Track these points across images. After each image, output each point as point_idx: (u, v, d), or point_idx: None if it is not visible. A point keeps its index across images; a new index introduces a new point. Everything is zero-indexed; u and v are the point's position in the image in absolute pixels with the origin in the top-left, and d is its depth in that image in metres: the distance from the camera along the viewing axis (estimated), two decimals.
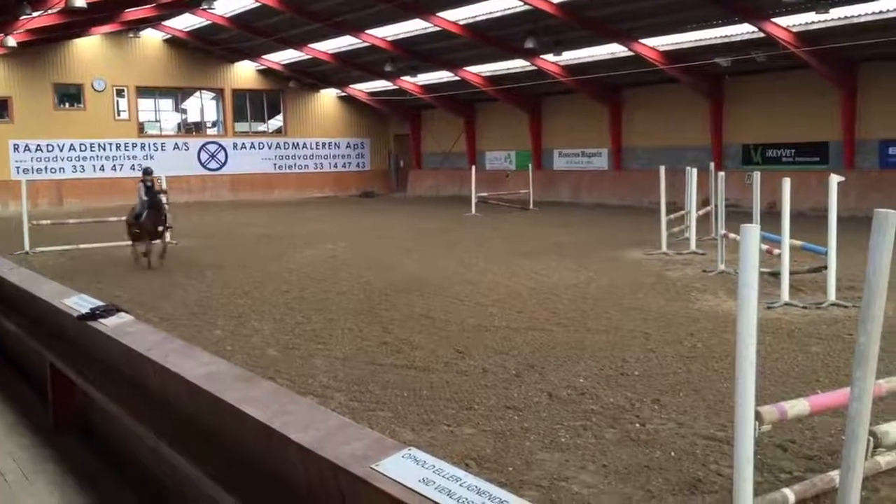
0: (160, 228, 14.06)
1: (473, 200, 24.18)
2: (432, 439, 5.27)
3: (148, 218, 13.87)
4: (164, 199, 14.28)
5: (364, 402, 6.15)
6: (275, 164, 36.14)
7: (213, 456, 2.31)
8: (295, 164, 36.65)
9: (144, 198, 14.10)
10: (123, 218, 15.00)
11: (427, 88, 32.73)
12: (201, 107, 35.75)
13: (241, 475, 2.11)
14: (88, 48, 31.95)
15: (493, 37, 25.43)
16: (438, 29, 25.26)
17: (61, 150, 31.60)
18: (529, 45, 24.12)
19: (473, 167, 26.36)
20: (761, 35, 20.51)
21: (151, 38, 33.00)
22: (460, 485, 1.63)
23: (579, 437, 5.28)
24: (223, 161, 35.02)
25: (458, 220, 22.37)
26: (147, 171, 14.72)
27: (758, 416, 3.68)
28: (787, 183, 9.36)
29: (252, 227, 21.51)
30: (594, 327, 8.49)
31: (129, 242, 14.58)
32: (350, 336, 8.44)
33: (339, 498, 1.81)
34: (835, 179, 9.16)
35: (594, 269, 12.59)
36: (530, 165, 28.02)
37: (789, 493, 4.09)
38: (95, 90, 32.19)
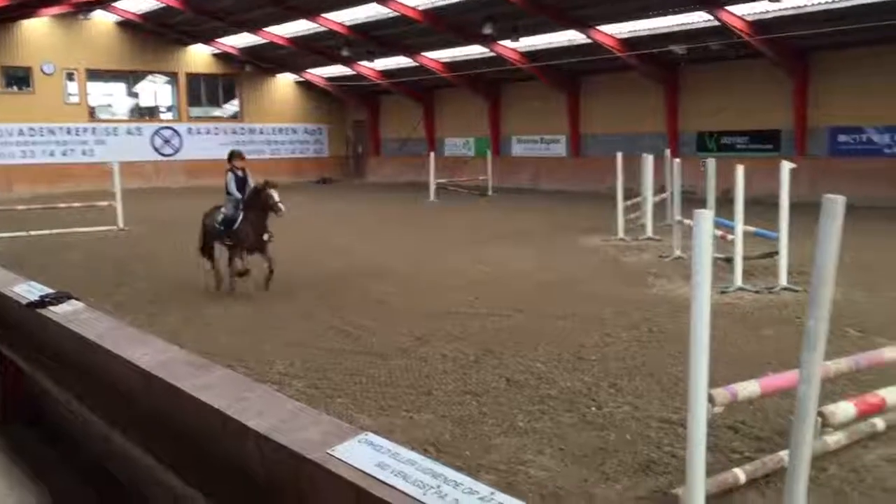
0: (265, 237, 9.86)
1: (432, 187, 24.16)
2: (391, 425, 5.27)
3: (247, 223, 9.73)
4: (275, 195, 9.60)
5: (322, 388, 6.13)
6: None
7: (168, 445, 2.28)
8: (252, 150, 36.09)
9: (237, 194, 10.00)
10: (76, 205, 13.32)
11: (385, 74, 32.54)
12: (155, 91, 35.09)
13: (197, 463, 2.09)
14: (37, 30, 31.12)
15: (452, 22, 25.36)
16: (396, 14, 25.10)
17: (10, 136, 30.79)
18: (487, 31, 24.11)
19: (432, 153, 26.32)
20: (716, 23, 20.77)
21: (103, 21, 32.27)
22: (416, 468, 1.64)
23: (537, 421, 5.33)
24: (178, 147, 34.47)
25: (416, 207, 22.34)
26: (237, 155, 10.34)
27: (710, 398, 3.75)
28: (740, 170, 9.50)
29: None
30: (552, 313, 8.55)
31: (203, 257, 10.48)
32: (308, 323, 8.39)
33: (295, 484, 1.80)
34: (786, 166, 9.33)
35: (552, 255, 12.68)
36: (489, 152, 28.08)
37: (740, 472, 4.18)
38: (44, 73, 31.40)
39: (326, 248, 13.94)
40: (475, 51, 27.45)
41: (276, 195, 9.60)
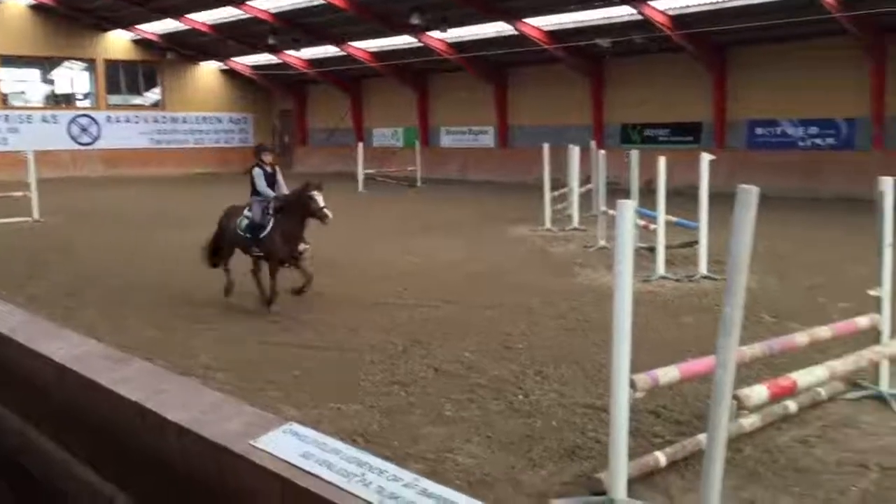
0: (302, 248, 8.35)
1: (361, 177, 24.02)
2: (320, 416, 5.24)
3: (277, 232, 8.21)
4: (319, 199, 8.04)
5: (252, 381, 6.04)
6: (152, 139, 34.74)
7: (84, 439, 2.22)
8: (174, 140, 35.34)
9: (270, 192, 8.45)
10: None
11: (312, 63, 32.15)
12: (72, 78, 33.87)
13: (114, 458, 2.04)
14: None
15: (379, 11, 25.21)
16: (323, 2, 24.82)
17: None
18: (415, 21, 24.04)
19: (361, 144, 26.15)
20: (639, 17, 21.18)
21: (15, 4, 31.00)
22: (340, 457, 1.64)
23: (465, 410, 5.37)
24: (96, 135, 33.39)
25: (345, 198, 22.12)
26: (267, 149, 8.93)
27: (632, 384, 3.84)
28: (662, 161, 9.74)
29: (131, 203, 20.64)
30: (480, 303, 8.61)
31: (211, 263, 9.11)
32: (238, 315, 8.26)
33: (218, 476, 1.78)
34: (706, 158, 9.61)
35: (481, 246, 12.76)
36: (417, 143, 28.06)
37: (661, 456, 4.29)
38: None
39: None
40: (403, 41, 27.35)
41: (320, 199, 8.01)
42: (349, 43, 28.85)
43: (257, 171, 8.53)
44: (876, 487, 4.11)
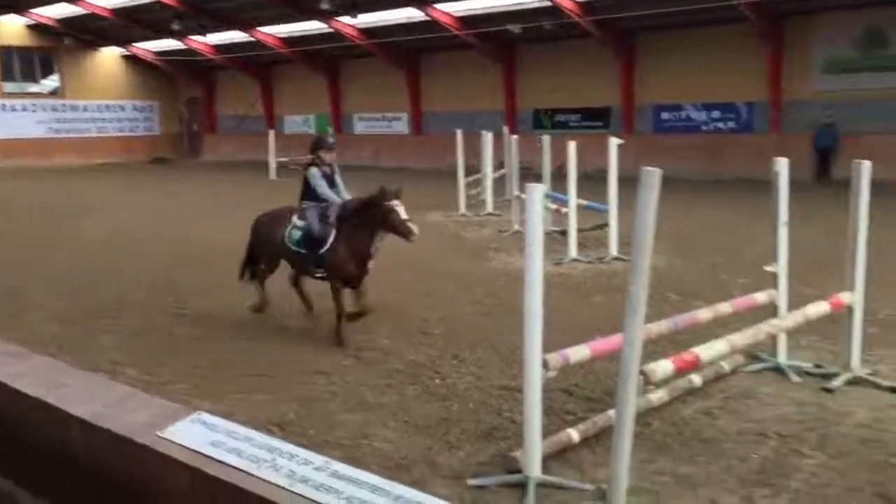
0: (371, 264, 6.88)
1: (273, 166, 23.67)
2: (232, 408, 5.16)
3: (343, 244, 6.65)
4: (400, 211, 6.49)
5: (159, 375, 5.90)
6: (51, 128, 33.33)
7: None
8: (75, 129, 33.98)
9: (337, 197, 6.93)
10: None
11: (220, 49, 31.39)
12: None
13: (13, 454, 1.98)
14: None
15: None
16: None
17: None
18: (325, 5, 23.75)
19: (272, 131, 25.73)
20: (549, 4, 21.47)
21: None
22: (251, 444, 1.63)
23: (383, 395, 5.39)
24: None
25: (256, 186, 21.78)
26: (326, 145, 7.11)
27: (545, 363, 3.92)
28: (572, 146, 9.93)
29: (27, 196, 19.77)
30: (397, 289, 8.61)
31: (247, 277, 7.68)
32: (143, 309, 8.03)
33: (124, 468, 1.74)
34: (614, 142, 9.85)
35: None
36: (330, 129, 27.79)
37: (573, 432, 4.41)
38: None
39: (162, 231, 13.34)
40: (313, 26, 26.97)
41: (402, 211, 6.46)
42: (258, 28, 28.27)
43: (314, 172, 6.91)
44: (774, 454, 4.32)
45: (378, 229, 6.60)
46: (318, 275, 6.89)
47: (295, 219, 7.04)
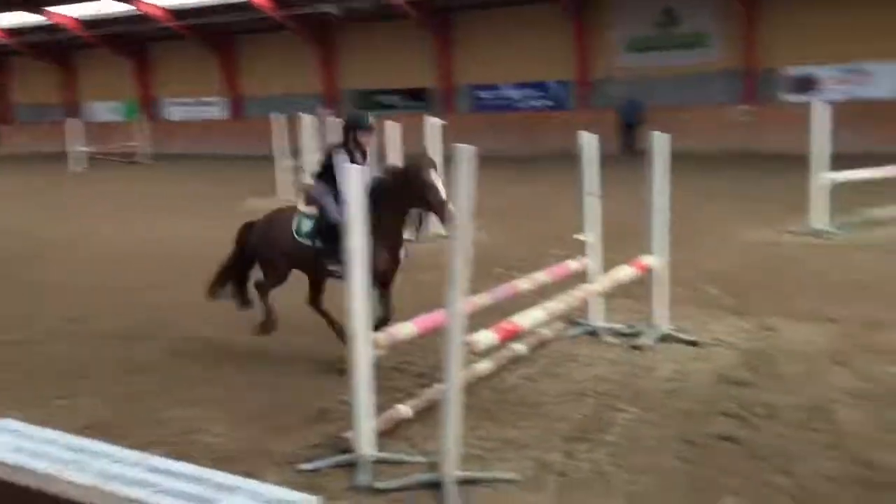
0: (402, 256, 5.87)
1: (75, 156, 22.28)
2: (48, 415, 4.83)
3: (373, 229, 4.41)
4: (440, 186, 5.23)
5: None
6: None
7: None
8: None
9: (338, 217, 5.22)
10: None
11: (11, 33, 28.94)
12: None
13: None
14: None
15: None
16: None
17: None
18: None
19: (76, 120, 24.14)
20: None
21: None
22: (57, 447, 1.55)
23: (211, 388, 5.24)
24: None
25: (62, 179, 20.43)
26: (361, 122, 5.71)
27: (374, 343, 3.97)
28: (395, 128, 10.02)
29: None
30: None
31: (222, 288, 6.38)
32: None
33: None
34: (433, 122, 10.02)
35: (214, 223, 12.28)
36: (142, 116, 26.42)
37: (404, 408, 4.49)
38: None
39: None
40: (117, 8, 25.46)
41: (440, 185, 5.23)
42: (50, 9, 26.26)
43: (342, 161, 5.34)
44: (592, 412, 4.61)
45: (410, 207, 5.51)
46: (339, 274, 5.10)
47: (301, 206, 5.89)
